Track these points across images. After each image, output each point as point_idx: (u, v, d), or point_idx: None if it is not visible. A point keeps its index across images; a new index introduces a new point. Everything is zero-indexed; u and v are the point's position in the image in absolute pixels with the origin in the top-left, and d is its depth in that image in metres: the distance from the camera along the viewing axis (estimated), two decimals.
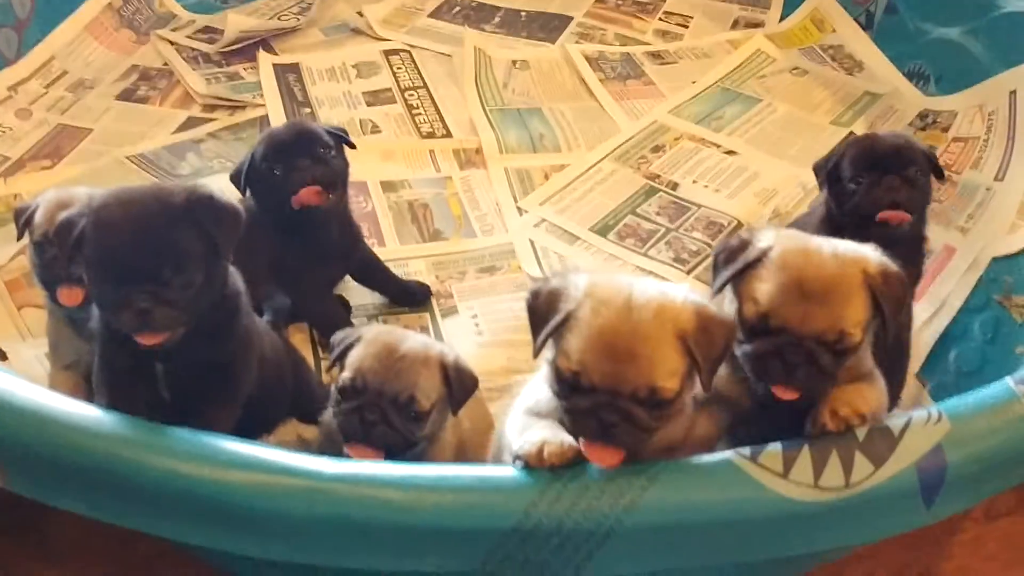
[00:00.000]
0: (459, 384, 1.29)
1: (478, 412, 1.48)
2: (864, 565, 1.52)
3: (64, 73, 2.49)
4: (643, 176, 2.21)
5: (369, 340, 1.26)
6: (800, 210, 2.09)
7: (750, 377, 1.19)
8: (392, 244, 2.01)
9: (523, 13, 2.84)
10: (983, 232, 1.91)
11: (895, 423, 1.13)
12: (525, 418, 1.19)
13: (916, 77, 2.48)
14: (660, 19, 2.84)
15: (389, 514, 1.03)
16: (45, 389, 1.19)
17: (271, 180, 1.67)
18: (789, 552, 1.13)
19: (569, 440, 1.09)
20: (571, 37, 2.73)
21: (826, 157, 1.67)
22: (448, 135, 2.33)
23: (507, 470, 1.08)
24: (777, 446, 1.09)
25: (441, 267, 1.97)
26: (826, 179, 1.63)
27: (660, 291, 1.13)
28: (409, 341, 1.27)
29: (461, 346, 1.73)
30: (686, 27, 2.81)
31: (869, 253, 1.20)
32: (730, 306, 1.22)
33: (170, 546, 1.34)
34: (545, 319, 1.13)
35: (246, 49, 2.61)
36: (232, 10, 2.79)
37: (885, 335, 1.20)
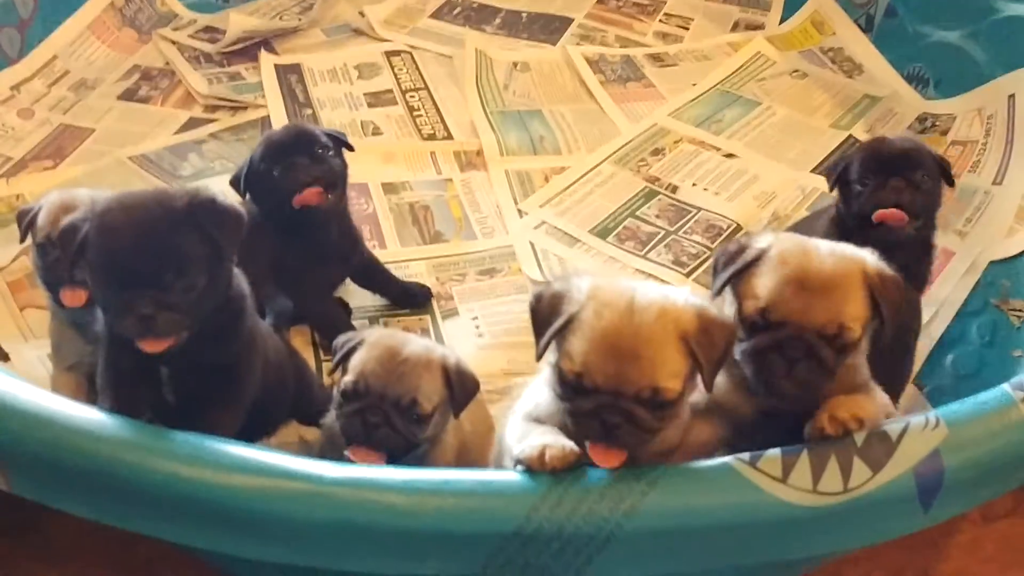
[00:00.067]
0: (461, 387, 1.29)
1: (479, 415, 1.48)
2: (861, 567, 1.53)
3: (66, 72, 2.49)
4: (643, 179, 2.21)
5: (371, 343, 1.26)
6: (799, 213, 2.10)
7: (750, 378, 1.19)
8: (393, 246, 2.02)
9: (524, 14, 2.83)
10: (981, 236, 1.92)
11: (893, 428, 1.14)
12: (524, 423, 1.19)
13: (915, 80, 2.49)
14: (660, 21, 2.84)
15: (390, 518, 1.04)
16: (48, 392, 1.19)
17: (270, 181, 1.67)
18: (788, 556, 1.14)
19: (570, 444, 1.10)
20: (572, 39, 2.73)
21: (836, 161, 1.68)
22: (449, 137, 2.33)
23: (508, 474, 1.09)
24: (776, 451, 1.10)
25: (441, 269, 1.97)
26: (836, 180, 1.64)
27: (662, 294, 1.14)
28: (411, 345, 1.27)
29: (461, 348, 1.74)
30: (686, 29, 2.81)
31: (867, 255, 1.20)
32: (730, 308, 1.22)
33: (171, 548, 1.35)
34: (548, 322, 1.13)
35: (248, 49, 2.60)
36: (234, 10, 2.78)
37: (883, 338, 1.20)
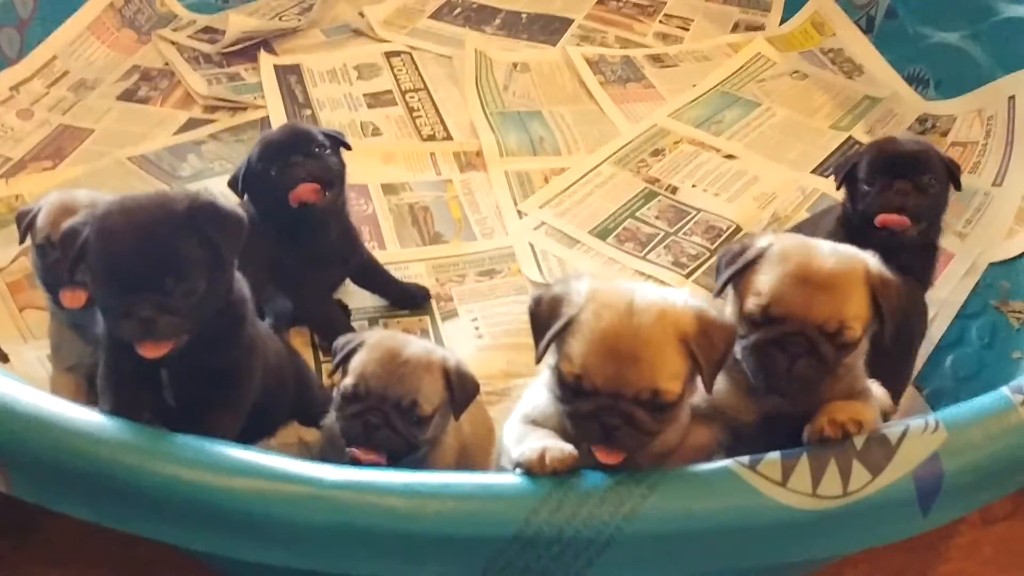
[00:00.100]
0: (461, 389, 1.30)
1: (478, 416, 1.48)
2: (861, 569, 1.53)
3: (66, 73, 2.49)
4: (643, 180, 2.21)
5: (372, 345, 1.27)
6: (799, 214, 2.10)
7: (750, 374, 1.18)
8: (392, 247, 2.02)
9: (524, 15, 2.83)
10: (981, 237, 1.92)
11: (892, 432, 1.14)
12: (522, 426, 1.20)
13: (916, 81, 2.49)
14: (660, 22, 2.83)
15: (391, 521, 1.04)
16: (48, 394, 1.19)
17: (267, 180, 1.67)
18: (787, 560, 1.14)
19: (569, 447, 1.10)
20: (572, 39, 2.73)
21: (846, 159, 1.68)
22: (449, 138, 2.33)
23: (508, 478, 1.09)
24: (776, 455, 1.10)
25: (441, 270, 1.97)
26: (844, 179, 1.64)
27: (661, 296, 1.14)
28: (411, 346, 1.27)
29: (461, 349, 1.74)
30: (687, 30, 2.81)
31: (869, 257, 1.21)
32: (731, 308, 1.22)
33: (171, 550, 1.34)
34: (547, 325, 1.14)
35: (247, 50, 2.60)
36: (233, 10, 2.79)
37: (883, 340, 1.20)
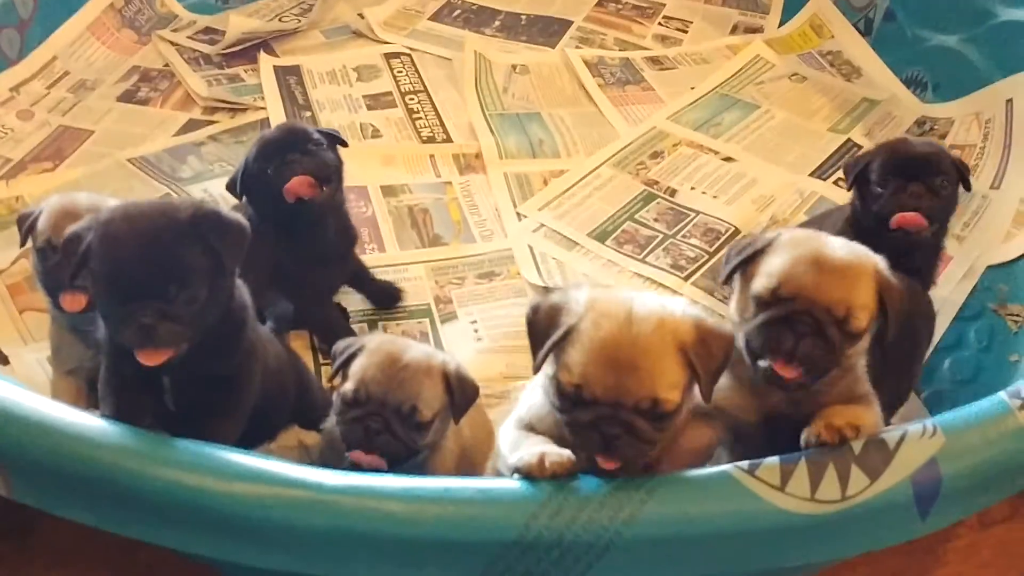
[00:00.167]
0: (461, 393, 1.30)
1: (478, 420, 1.49)
2: (858, 572, 1.53)
3: (66, 74, 2.48)
4: (641, 182, 2.21)
5: (372, 350, 1.27)
6: (798, 217, 2.11)
7: (751, 367, 1.18)
8: (392, 249, 2.02)
9: (523, 17, 2.83)
10: (979, 240, 1.93)
11: (890, 436, 1.14)
12: (517, 432, 1.20)
13: (914, 84, 2.49)
14: (660, 24, 2.83)
15: (391, 526, 1.04)
16: (49, 399, 1.20)
17: (265, 179, 1.67)
18: (786, 564, 1.14)
19: (567, 452, 1.11)
20: (571, 41, 2.72)
21: (856, 159, 1.68)
22: (448, 140, 2.33)
23: (508, 482, 1.10)
24: (775, 460, 1.11)
25: (440, 272, 1.97)
26: (854, 180, 1.64)
27: (660, 304, 1.14)
28: (412, 351, 1.28)
29: (460, 352, 1.74)
30: (685, 32, 2.80)
31: (878, 258, 1.21)
32: (736, 298, 1.23)
33: (171, 553, 1.35)
34: (545, 334, 1.14)
35: (247, 51, 2.60)
36: (233, 11, 2.78)
37: (885, 341, 1.21)
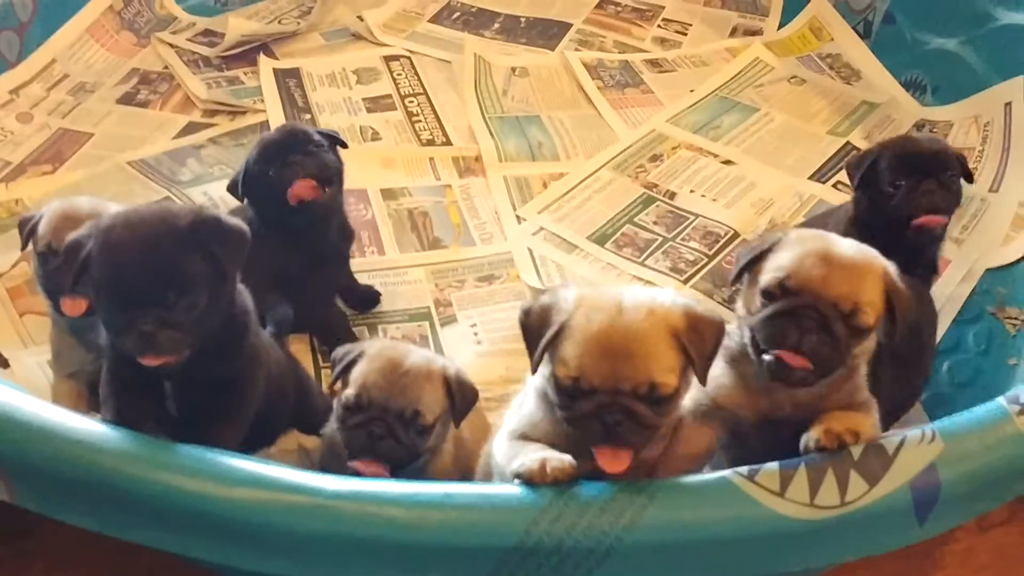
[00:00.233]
0: (461, 397, 1.31)
1: (477, 423, 1.49)
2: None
3: (65, 76, 2.48)
4: (641, 185, 2.22)
5: (372, 356, 1.27)
6: (797, 220, 2.11)
7: (757, 356, 1.18)
8: (392, 252, 2.02)
9: (522, 19, 2.83)
10: (977, 243, 1.93)
11: (889, 442, 1.14)
12: (512, 443, 1.21)
13: (913, 87, 2.50)
14: (659, 26, 2.84)
15: (392, 531, 1.04)
16: (51, 404, 1.19)
17: (266, 181, 1.67)
18: (785, 569, 1.15)
19: (568, 457, 1.11)
20: (570, 44, 2.73)
21: (860, 158, 1.68)
22: (448, 143, 2.33)
23: (509, 488, 1.10)
24: (774, 465, 1.11)
25: (440, 275, 1.97)
26: (860, 181, 1.64)
27: (649, 295, 1.16)
28: (412, 356, 1.29)
29: (460, 356, 1.75)
30: (685, 34, 2.81)
31: (887, 261, 1.21)
32: (743, 298, 1.23)
33: (172, 556, 1.35)
34: (539, 334, 1.15)
35: (246, 53, 2.60)
36: (232, 13, 2.78)
37: (891, 344, 1.21)
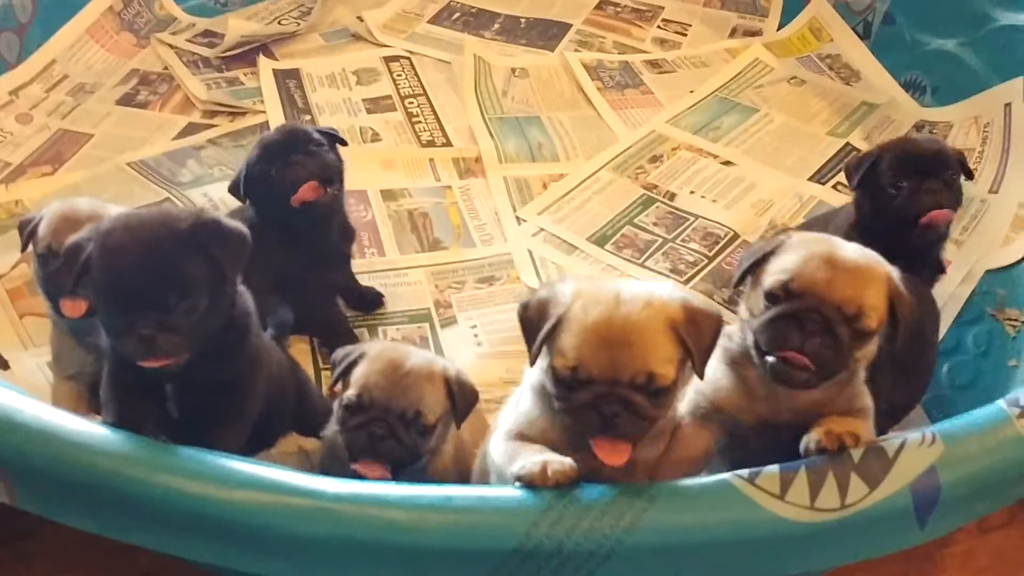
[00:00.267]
0: (462, 398, 1.31)
1: (477, 424, 1.49)
2: None
3: (65, 77, 2.48)
4: (641, 186, 2.22)
5: (373, 357, 1.28)
6: (797, 221, 2.11)
7: (759, 359, 1.18)
8: (392, 253, 2.02)
9: (522, 20, 2.83)
10: (977, 245, 1.93)
11: (889, 445, 1.14)
12: (509, 443, 1.21)
13: (913, 88, 2.50)
14: (659, 27, 2.84)
15: (392, 534, 1.04)
16: (51, 406, 1.19)
17: (268, 182, 1.67)
18: (785, 572, 1.15)
19: (569, 460, 1.11)
20: (570, 44, 2.73)
21: (859, 160, 1.67)
22: (448, 144, 2.33)
23: (509, 491, 1.10)
24: (774, 468, 1.11)
25: (440, 277, 1.97)
26: (860, 184, 1.64)
27: (646, 288, 1.16)
28: (413, 357, 1.29)
29: (460, 357, 1.75)
30: (684, 35, 2.81)
31: (891, 267, 1.21)
32: (745, 302, 1.23)
33: (171, 558, 1.35)
34: (537, 327, 1.15)
35: (246, 54, 2.60)
36: (232, 14, 2.78)
37: (893, 349, 1.21)
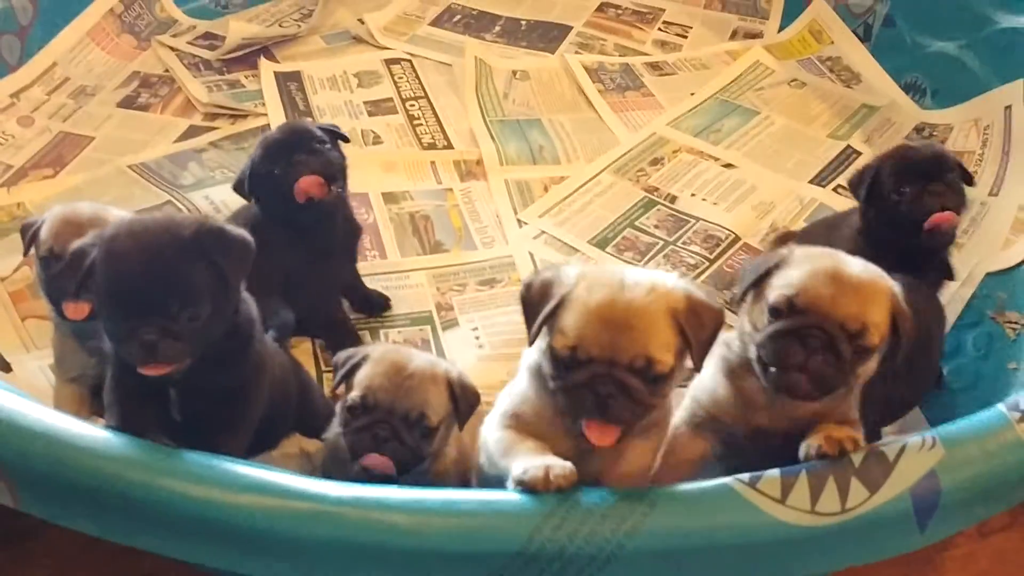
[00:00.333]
0: (464, 400, 1.32)
1: (477, 426, 1.49)
2: None
3: (66, 79, 2.48)
4: (642, 189, 2.22)
5: (376, 359, 1.28)
6: (797, 224, 2.11)
7: (764, 360, 1.17)
8: (393, 256, 2.02)
9: (523, 22, 2.83)
10: (977, 247, 1.93)
11: (890, 449, 1.15)
12: (504, 432, 1.22)
13: (913, 90, 2.50)
14: (659, 29, 2.84)
15: (394, 538, 1.05)
16: (55, 410, 1.20)
17: (272, 180, 1.68)
18: (786, 575, 1.15)
19: (570, 464, 1.11)
20: (571, 47, 2.73)
21: (860, 174, 1.67)
22: (449, 146, 2.33)
23: (511, 495, 1.10)
24: (775, 472, 1.11)
25: (442, 279, 1.98)
26: (865, 193, 1.64)
27: (650, 275, 1.17)
28: (416, 359, 1.30)
29: (462, 359, 1.75)
30: (685, 37, 2.81)
31: (893, 283, 1.21)
32: (748, 317, 1.23)
33: (174, 560, 1.35)
34: (539, 307, 1.16)
35: (247, 56, 2.60)
36: (233, 16, 2.78)
37: (892, 365, 1.21)
